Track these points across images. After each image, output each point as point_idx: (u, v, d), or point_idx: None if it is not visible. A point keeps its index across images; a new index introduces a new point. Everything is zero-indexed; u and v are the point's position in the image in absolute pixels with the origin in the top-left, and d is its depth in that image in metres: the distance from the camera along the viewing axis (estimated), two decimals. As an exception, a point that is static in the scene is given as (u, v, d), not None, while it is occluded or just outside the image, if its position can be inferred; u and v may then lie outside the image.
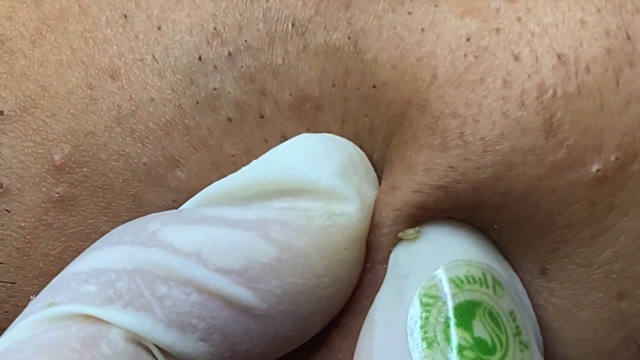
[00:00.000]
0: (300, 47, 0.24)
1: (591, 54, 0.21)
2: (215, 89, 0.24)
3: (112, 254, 0.22)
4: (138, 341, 0.21)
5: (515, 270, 0.24)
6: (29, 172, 0.25)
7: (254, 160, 0.24)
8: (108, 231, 0.24)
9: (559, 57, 0.22)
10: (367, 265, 0.24)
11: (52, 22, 0.26)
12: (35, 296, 0.23)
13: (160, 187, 0.25)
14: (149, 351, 0.21)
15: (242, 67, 0.24)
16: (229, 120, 0.24)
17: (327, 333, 0.24)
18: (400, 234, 0.23)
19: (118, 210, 0.25)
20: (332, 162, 0.23)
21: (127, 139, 0.25)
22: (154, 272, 0.21)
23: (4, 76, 0.26)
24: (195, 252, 0.22)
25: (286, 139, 0.24)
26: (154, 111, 0.25)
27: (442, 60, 0.22)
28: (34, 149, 0.25)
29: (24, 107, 0.25)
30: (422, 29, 0.23)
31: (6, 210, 0.25)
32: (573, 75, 0.22)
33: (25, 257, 0.26)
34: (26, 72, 0.26)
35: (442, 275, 0.22)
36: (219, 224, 0.22)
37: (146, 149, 0.25)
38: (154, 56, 0.25)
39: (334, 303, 0.23)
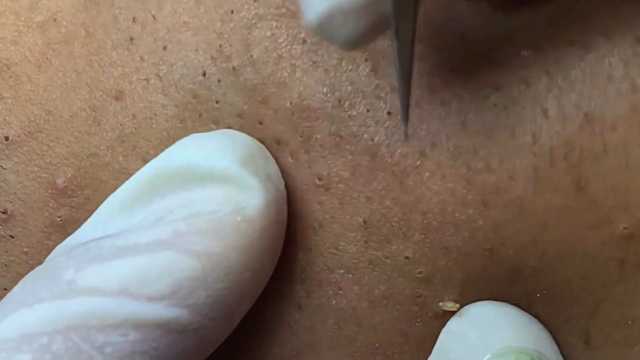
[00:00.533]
0: (310, 63, 0.24)
1: (617, 111, 0.21)
2: (217, 102, 0.24)
3: (34, 315, 0.21)
4: None
5: (561, 348, 0.23)
6: (33, 197, 0.25)
7: (152, 160, 0.23)
8: None
9: (585, 114, 0.21)
10: None
11: (57, 46, 0.26)
12: None
13: None
14: None
15: (245, 79, 0.24)
16: (229, 127, 0.24)
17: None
18: (440, 303, 0.23)
19: None
20: (230, 152, 0.22)
21: (129, 156, 0.24)
22: (87, 324, 0.21)
23: (10, 101, 0.26)
24: (123, 289, 0.21)
25: (279, 143, 0.24)
26: (157, 127, 0.25)
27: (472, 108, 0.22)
28: (38, 174, 0.25)
29: (29, 132, 0.26)
30: None
31: (10, 236, 0.26)
32: (599, 134, 0.21)
33: None
34: (31, 96, 0.26)
35: None
36: (134, 253, 0.21)
37: (147, 162, 0.25)
38: (158, 75, 0.25)
39: (255, 292, 0.23)
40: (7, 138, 0.26)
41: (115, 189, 0.24)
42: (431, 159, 0.22)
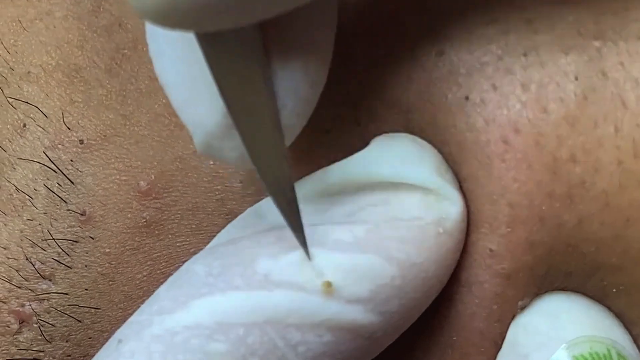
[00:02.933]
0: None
1: None
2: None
3: (229, 304, 0.20)
4: None
5: (635, 340, 0.23)
6: (113, 199, 0.25)
7: (342, 160, 0.22)
8: (198, 252, 0.21)
9: None
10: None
11: (126, 51, 0.26)
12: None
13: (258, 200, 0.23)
14: None
15: None
16: (327, 132, 0.23)
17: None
18: (520, 302, 0.22)
19: (211, 230, 0.25)
20: (427, 161, 0.21)
21: (219, 160, 0.23)
22: (285, 320, 0.20)
23: (81, 105, 0.25)
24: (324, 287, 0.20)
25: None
26: None
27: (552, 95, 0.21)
28: (118, 177, 0.25)
29: (104, 135, 0.25)
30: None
31: (90, 237, 0.25)
32: None
33: (110, 283, 0.25)
34: (104, 101, 0.25)
35: (563, 355, 0.21)
36: (337, 249, 0.20)
37: (242, 169, 0.24)
38: None
39: (430, 300, 0.22)
40: (82, 141, 0.25)
41: (208, 191, 0.24)
42: (515, 145, 0.21)
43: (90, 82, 0.26)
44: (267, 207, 0.22)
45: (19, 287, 0.25)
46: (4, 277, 0.25)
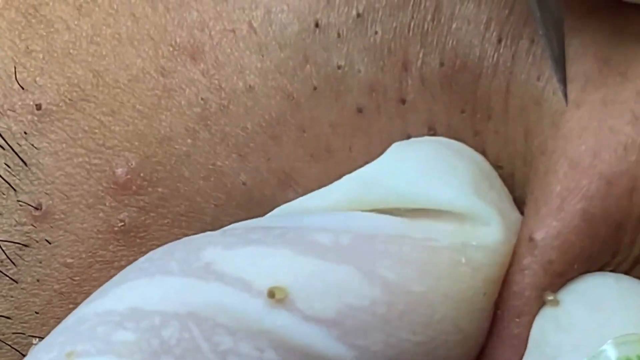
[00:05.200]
0: None
1: None
2: (339, 67, 0.22)
3: (155, 289, 0.19)
4: None
5: None
6: (79, 190, 0.23)
7: (347, 175, 0.21)
8: None
9: None
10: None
11: None
12: (39, 340, 0.21)
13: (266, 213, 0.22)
14: None
15: (376, 32, 0.22)
16: (360, 110, 0.22)
17: None
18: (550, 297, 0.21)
19: None
20: (461, 175, 0.20)
21: (218, 147, 0.22)
22: (214, 319, 0.19)
23: (41, 56, 0.23)
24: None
25: (435, 132, 0.22)
26: (254, 106, 0.22)
27: None
28: (86, 159, 0.23)
29: (70, 99, 0.23)
30: None
31: (46, 241, 0.23)
32: None
33: (70, 305, 0.23)
34: (71, 50, 0.23)
35: (611, 352, 0.19)
36: (306, 251, 0.19)
37: (245, 162, 0.22)
38: (250, 24, 0.22)
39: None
40: (38, 106, 0.23)
41: (204, 192, 0.22)
42: None
43: (54, 24, 0.23)
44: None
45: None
46: None
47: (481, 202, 0.20)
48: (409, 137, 0.22)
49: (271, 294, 0.19)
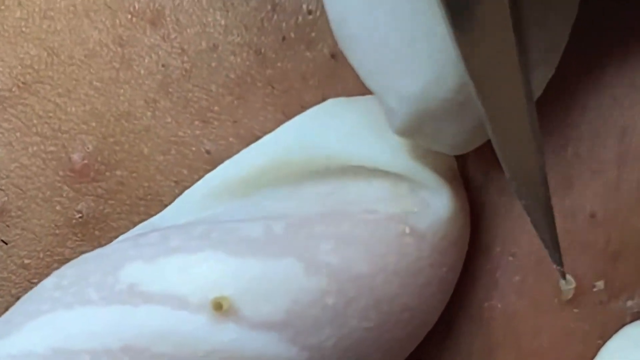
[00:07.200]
0: None
1: None
2: (310, 13, 0.21)
3: (76, 323, 0.18)
4: None
5: None
6: (36, 182, 0.22)
7: (265, 136, 0.20)
8: None
9: None
10: None
11: None
12: None
13: None
14: None
15: None
16: (333, 56, 0.21)
17: None
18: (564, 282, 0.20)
19: None
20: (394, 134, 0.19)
21: (180, 116, 0.21)
22: (151, 349, 0.18)
23: None
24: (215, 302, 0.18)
25: None
26: (219, 66, 0.21)
27: None
28: (42, 147, 0.22)
29: (23, 82, 0.22)
30: None
31: (2, 241, 0.22)
32: None
33: None
34: (23, 29, 0.22)
35: None
36: (240, 250, 0.18)
37: (210, 128, 0.21)
38: None
39: (415, 341, 0.20)
40: None
41: (165, 168, 0.21)
42: None
43: (4, 1, 0.22)
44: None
45: None
46: None
47: (420, 164, 0.19)
48: None
49: (217, 305, 0.17)
